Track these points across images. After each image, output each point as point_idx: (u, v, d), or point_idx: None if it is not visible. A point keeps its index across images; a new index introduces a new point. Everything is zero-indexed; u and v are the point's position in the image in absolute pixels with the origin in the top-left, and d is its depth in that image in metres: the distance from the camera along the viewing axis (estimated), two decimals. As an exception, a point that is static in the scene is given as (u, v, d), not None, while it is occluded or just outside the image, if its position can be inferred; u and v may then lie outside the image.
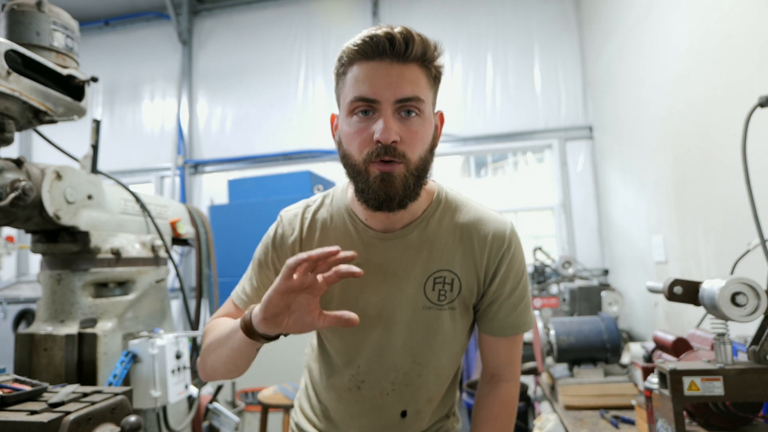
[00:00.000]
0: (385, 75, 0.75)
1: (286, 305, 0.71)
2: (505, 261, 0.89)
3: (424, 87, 0.78)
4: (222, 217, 3.34)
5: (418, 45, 0.75)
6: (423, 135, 0.79)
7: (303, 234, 0.93)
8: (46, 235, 1.50)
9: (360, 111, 0.77)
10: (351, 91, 0.77)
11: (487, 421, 0.95)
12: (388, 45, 0.74)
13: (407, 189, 0.78)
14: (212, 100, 4.49)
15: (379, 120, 0.75)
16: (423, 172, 0.81)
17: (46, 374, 1.38)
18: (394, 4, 4.12)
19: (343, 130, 0.81)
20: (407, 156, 0.77)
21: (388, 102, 0.75)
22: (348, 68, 0.78)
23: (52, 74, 1.41)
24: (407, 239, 0.88)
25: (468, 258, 0.89)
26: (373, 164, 0.77)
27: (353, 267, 0.69)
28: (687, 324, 2.05)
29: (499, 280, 0.89)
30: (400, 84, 0.75)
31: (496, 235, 0.88)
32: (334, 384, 0.97)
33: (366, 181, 0.78)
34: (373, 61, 0.76)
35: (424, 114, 0.79)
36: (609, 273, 3.43)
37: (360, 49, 0.76)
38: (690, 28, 1.95)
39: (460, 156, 4.14)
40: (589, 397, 1.69)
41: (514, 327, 0.93)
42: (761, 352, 0.93)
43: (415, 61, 0.76)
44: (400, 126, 0.76)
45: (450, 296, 0.89)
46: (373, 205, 0.79)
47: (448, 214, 0.91)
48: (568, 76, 3.79)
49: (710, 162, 1.83)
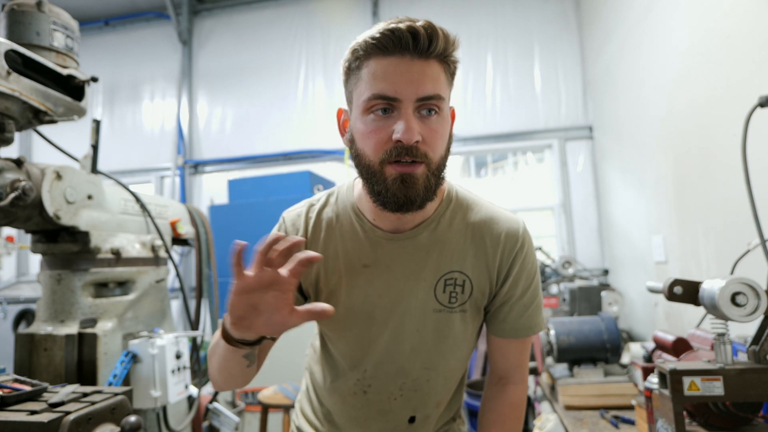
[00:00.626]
0: (407, 72, 0.71)
1: (251, 306, 0.66)
2: (518, 261, 0.86)
3: (444, 84, 0.75)
4: (222, 217, 3.34)
5: (441, 41, 0.72)
6: (443, 134, 0.76)
7: (308, 234, 0.89)
8: (46, 235, 1.50)
9: (378, 109, 0.73)
10: (368, 87, 0.73)
11: (494, 424, 0.93)
12: (411, 40, 0.70)
13: (428, 190, 0.75)
14: (212, 100, 4.49)
15: (400, 120, 0.71)
16: (442, 171, 0.78)
17: (46, 374, 1.38)
18: (394, 4, 4.12)
19: (357, 129, 0.76)
20: (429, 156, 0.74)
21: (410, 100, 0.71)
22: (363, 62, 0.74)
23: (52, 74, 1.41)
24: (417, 240, 0.85)
25: (480, 258, 0.86)
26: (391, 165, 0.73)
27: (310, 252, 0.65)
28: (687, 324, 2.05)
29: (512, 280, 0.87)
30: (422, 81, 0.71)
31: (509, 234, 0.86)
32: (338, 388, 0.94)
33: (383, 182, 0.74)
34: (393, 56, 0.71)
35: (443, 112, 0.76)
36: (609, 273, 3.43)
37: (379, 42, 0.71)
38: (690, 28, 1.95)
39: (460, 156, 4.14)
40: (589, 397, 1.69)
41: (525, 329, 0.90)
42: (761, 352, 0.93)
43: (436, 57, 0.73)
44: (421, 125, 0.73)
45: (461, 298, 0.86)
46: (391, 207, 0.76)
47: (460, 213, 0.88)
48: (568, 76, 3.79)
49: (710, 162, 1.83)
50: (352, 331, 0.90)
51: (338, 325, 0.90)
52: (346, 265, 0.87)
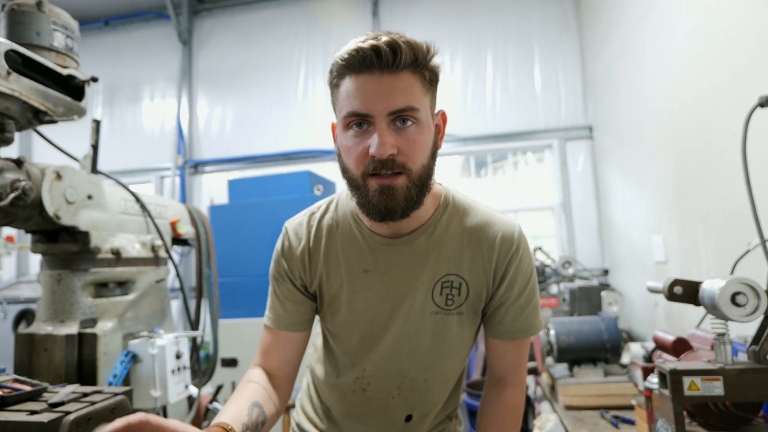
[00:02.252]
0: (376, 88, 0.73)
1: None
2: (513, 263, 0.88)
3: (418, 94, 0.76)
4: (222, 217, 3.33)
5: (406, 52, 0.73)
6: (422, 143, 0.77)
7: (310, 242, 0.92)
8: (46, 235, 1.50)
9: (354, 125, 0.76)
10: (344, 105, 0.76)
11: (492, 425, 0.93)
12: (374, 57, 0.72)
13: (409, 200, 0.77)
14: (212, 100, 4.49)
15: (374, 134, 0.74)
16: (426, 180, 0.80)
17: (46, 374, 1.38)
18: (394, 5, 4.12)
19: (341, 143, 0.80)
20: (408, 166, 0.75)
21: (381, 115, 0.74)
22: (339, 81, 0.77)
23: (52, 74, 1.41)
24: (414, 245, 0.87)
25: (476, 262, 0.88)
26: (372, 178, 0.76)
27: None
28: (687, 324, 2.05)
29: (508, 282, 0.88)
30: (392, 96, 0.73)
31: (504, 237, 0.87)
32: (338, 385, 0.96)
33: (366, 194, 0.77)
34: (362, 74, 0.74)
35: (420, 121, 0.76)
36: (609, 273, 3.43)
37: (347, 63, 0.74)
38: (690, 28, 1.95)
39: (460, 156, 4.14)
40: (589, 397, 1.69)
41: (522, 330, 0.91)
42: (761, 352, 0.93)
43: (407, 68, 0.74)
44: (397, 137, 0.74)
45: (458, 301, 0.88)
46: (375, 218, 0.79)
47: (456, 218, 0.90)
48: (568, 76, 3.79)
49: (710, 162, 1.83)
50: (354, 334, 0.92)
51: (341, 329, 0.93)
52: (347, 271, 0.89)
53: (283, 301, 0.93)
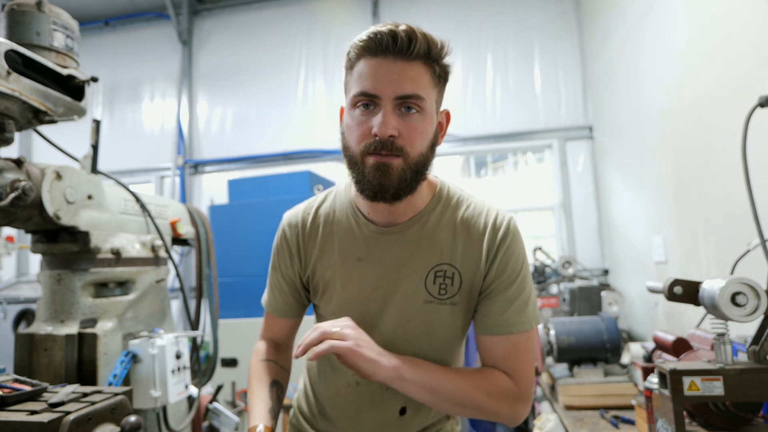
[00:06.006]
0: (387, 71, 0.77)
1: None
2: (501, 250, 0.87)
3: (426, 85, 0.79)
4: (222, 217, 3.33)
5: (421, 43, 0.77)
6: (423, 131, 0.80)
7: (306, 230, 0.96)
8: (46, 235, 1.50)
9: (362, 105, 0.80)
10: (355, 85, 0.80)
11: (471, 373, 0.87)
12: (391, 42, 0.76)
13: (403, 181, 0.80)
14: (212, 100, 4.49)
15: (379, 114, 0.77)
16: (422, 167, 0.82)
17: (46, 374, 1.38)
18: (394, 5, 4.12)
19: (346, 122, 0.84)
20: (405, 150, 0.79)
21: (388, 98, 0.77)
22: (355, 63, 0.81)
23: (52, 74, 1.41)
24: (407, 234, 0.89)
25: (468, 252, 0.88)
26: (370, 155, 0.79)
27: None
28: (687, 324, 2.05)
29: (496, 270, 0.87)
30: (400, 81, 0.77)
31: (494, 225, 0.89)
32: (334, 380, 0.98)
33: (362, 171, 0.80)
34: (377, 57, 0.78)
35: (424, 111, 0.80)
36: (609, 273, 3.43)
37: (365, 45, 0.78)
38: (690, 27, 1.95)
39: (460, 156, 4.14)
40: (589, 397, 1.69)
41: (508, 324, 0.86)
42: (761, 352, 0.93)
43: (419, 58, 0.78)
44: (400, 121, 0.78)
45: (451, 291, 0.89)
46: (368, 194, 0.82)
47: (449, 210, 0.92)
48: (568, 76, 3.79)
49: (710, 162, 1.83)
50: None
51: (334, 317, 0.93)
52: (342, 259, 0.93)
53: (272, 289, 1.03)
